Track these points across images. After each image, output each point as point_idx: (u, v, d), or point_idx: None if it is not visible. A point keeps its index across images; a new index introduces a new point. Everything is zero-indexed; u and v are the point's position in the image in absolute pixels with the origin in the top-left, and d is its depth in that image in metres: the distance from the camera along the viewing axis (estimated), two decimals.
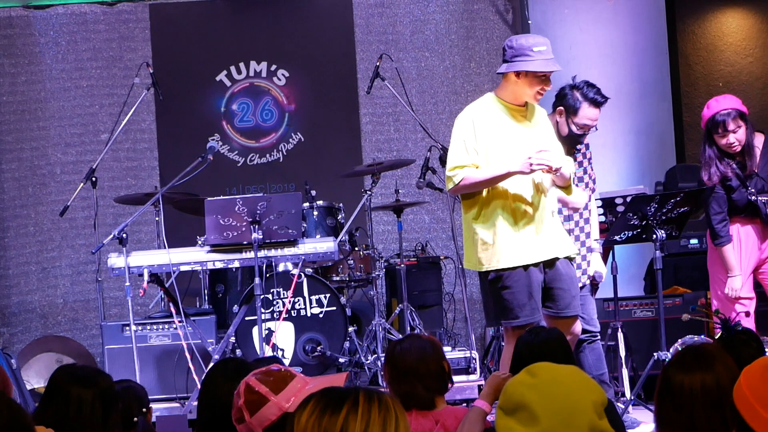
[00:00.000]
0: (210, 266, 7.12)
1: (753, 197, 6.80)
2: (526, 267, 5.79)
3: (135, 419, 4.23)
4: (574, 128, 6.51)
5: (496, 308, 5.88)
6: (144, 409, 4.36)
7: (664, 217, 6.57)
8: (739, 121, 6.80)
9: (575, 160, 6.63)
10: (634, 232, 6.59)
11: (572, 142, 6.55)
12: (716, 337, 4.42)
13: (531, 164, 5.65)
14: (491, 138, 5.82)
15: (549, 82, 5.86)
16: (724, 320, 4.39)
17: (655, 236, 6.55)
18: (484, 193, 5.82)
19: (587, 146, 6.72)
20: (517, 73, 5.82)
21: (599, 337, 6.66)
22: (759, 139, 6.92)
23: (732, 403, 2.57)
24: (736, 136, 6.79)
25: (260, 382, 3.19)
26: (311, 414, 2.39)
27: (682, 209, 6.58)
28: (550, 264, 5.86)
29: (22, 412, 3.04)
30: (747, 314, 6.79)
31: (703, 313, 6.76)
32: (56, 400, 3.68)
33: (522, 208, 5.80)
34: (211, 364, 6.08)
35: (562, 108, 6.54)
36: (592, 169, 6.76)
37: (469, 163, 5.79)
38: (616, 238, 6.58)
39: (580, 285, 6.45)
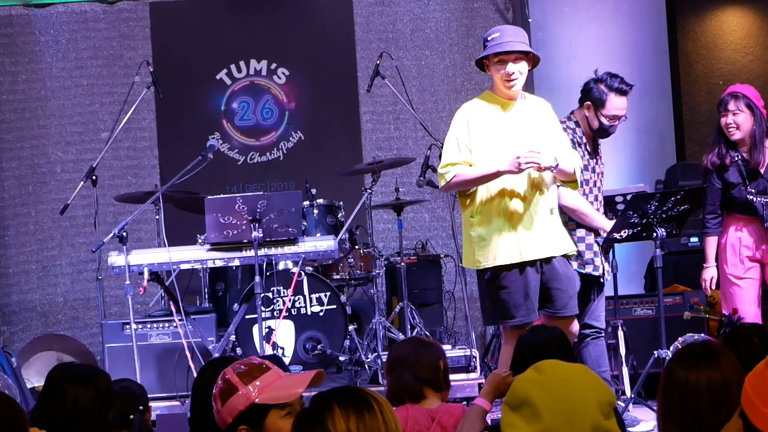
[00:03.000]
0: (210, 265, 7.12)
1: (751, 197, 6.79)
2: (522, 266, 5.79)
3: (131, 417, 4.22)
4: (604, 121, 6.52)
5: (493, 308, 5.89)
6: (141, 407, 4.36)
7: (664, 216, 6.56)
8: (741, 105, 6.79)
9: (598, 159, 6.65)
10: (635, 231, 6.59)
11: (603, 135, 6.59)
12: (719, 333, 4.40)
13: (520, 164, 5.66)
14: (485, 134, 5.83)
15: (506, 65, 5.80)
16: (728, 316, 4.38)
17: (655, 234, 6.54)
18: (481, 191, 5.83)
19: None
20: (487, 66, 5.88)
21: (603, 334, 6.66)
22: None
23: (741, 407, 2.57)
24: (734, 118, 6.79)
25: (234, 372, 3.20)
26: (347, 417, 2.41)
27: (683, 207, 6.58)
28: (547, 261, 5.87)
29: (18, 409, 3.04)
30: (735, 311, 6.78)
31: (702, 310, 6.75)
32: (52, 399, 3.67)
33: (518, 205, 5.80)
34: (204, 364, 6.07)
35: (589, 102, 6.55)
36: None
37: (460, 160, 5.82)
38: (616, 236, 6.57)
39: (597, 274, 6.47)
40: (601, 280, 6.56)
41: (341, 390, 2.49)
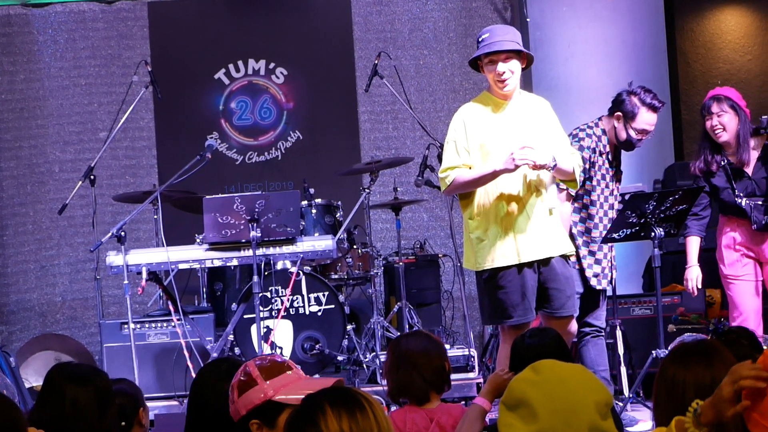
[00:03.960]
0: (208, 264, 7.12)
1: (739, 200, 6.79)
2: (520, 267, 5.79)
3: (123, 423, 4.18)
4: (632, 133, 6.56)
5: (491, 308, 5.90)
6: (123, 423, 4.29)
7: (662, 215, 6.57)
8: (724, 106, 6.80)
9: (618, 171, 6.68)
10: (633, 230, 6.59)
11: (628, 147, 6.62)
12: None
13: (514, 160, 5.65)
14: (482, 135, 5.84)
15: (497, 64, 5.80)
16: (713, 322, 4.41)
17: (653, 234, 6.54)
18: (479, 193, 5.84)
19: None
20: (481, 67, 5.89)
21: (603, 333, 6.67)
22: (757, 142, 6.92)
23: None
24: (719, 120, 6.80)
25: (256, 366, 3.19)
26: (340, 417, 2.40)
27: (681, 207, 6.58)
28: (545, 262, 5.87)
29: (16, 409, 3.04)
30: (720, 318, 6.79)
31: (686, 320, 6.76)
32: (51, 399, 3.66)
33: (515, 207, 5.80)
34: (204, 364, 6.08)
35: (620, 113, 6.57)
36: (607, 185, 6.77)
37: (459, 164, 5.83)
38: (615, 235, 6.57)
39: (599, 288, 6.51)
40: (607, 287, 6.60)
41: (333, 390, 2.49)
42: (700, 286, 6.95)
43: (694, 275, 6.93)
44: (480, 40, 5.88)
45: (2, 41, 9.94)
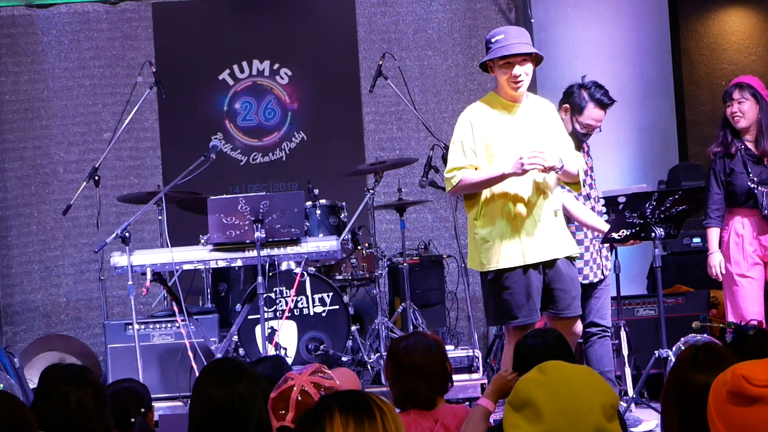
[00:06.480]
0: (213, 265, 7.12)
1: (752, 185, 6.81)
2: (525, 268, 5.79)
3: (132, 420, 4.20)
4: (577, 127, 6.54)
5: (496, 308, 5.89)
6: (143, 410, 4.34)
7: (662, 216, 6.56)
8: (746, 93, 6.84)
9: (583, 155, 6.65)
10: (633, 231, 6.58)
11: (574, 141, 6.56)
12: (728, 342, 4.38)
13: (523, 164, 5.65)
14: (489, 136, 5.83)
15: (513, 67, 5.78)
16: (737, 326, 4.37)
17: (653, 234, 6.54)
18: (485, 193, 5.83)
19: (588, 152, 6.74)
20: (491, 68, 5.86)
21: (609, 334, 6.66)
22: None
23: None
24: (739, 107, 6.83)
25: (319, 392, 3.19)
26: (346, 423, 2.40)
27: (681, 207, 6.57)
28: (550, 264, 5.86)
29: (27, 412, 3.04)
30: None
31: (714, 321, 6.75)
32: (55, 401, 3.66)
33: (521, 208, 5.80)
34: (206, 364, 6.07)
35: (567, 105, 6.57)
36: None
37: (466, 164, 5.81)
38: (614, 236, 6.57)
39: (596, 280, 6.51)
40: (601, 277, 6.60)
41: (347, 395, 2.49)
42: (723, 271, 6.96)
43: (716, 260, 6.95)
44: (493, 41, 5.83)
45: (6, 42, 9.95)
